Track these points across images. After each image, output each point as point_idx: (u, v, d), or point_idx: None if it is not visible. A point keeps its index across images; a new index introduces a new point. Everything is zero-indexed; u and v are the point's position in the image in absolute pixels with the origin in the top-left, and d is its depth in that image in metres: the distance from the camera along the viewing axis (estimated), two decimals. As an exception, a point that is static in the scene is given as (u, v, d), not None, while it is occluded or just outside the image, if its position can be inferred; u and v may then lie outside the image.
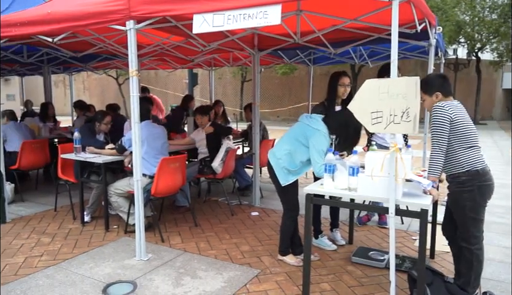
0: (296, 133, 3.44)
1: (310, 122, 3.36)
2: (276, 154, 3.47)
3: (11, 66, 9.13)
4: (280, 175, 3.44)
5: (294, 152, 3.39)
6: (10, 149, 5.74)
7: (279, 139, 3.67)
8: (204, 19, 3.24)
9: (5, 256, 3.81)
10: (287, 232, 3.63)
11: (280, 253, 3.71)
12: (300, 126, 3.44)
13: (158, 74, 23.53)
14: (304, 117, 3.49)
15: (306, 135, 3.33)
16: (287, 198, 3.57)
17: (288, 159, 3.40)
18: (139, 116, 3.64)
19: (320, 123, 3.32)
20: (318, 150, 3.23)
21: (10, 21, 4.34)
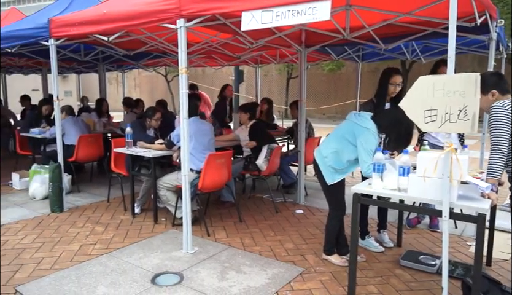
0: (343, 131, 3.37)
1: (358, 120, 3.27)
2: (322, 152, 3.41)
3: (70, 64, 9.67)
4: (326, 174, 3.38)
5: (341, 151, 3.32)
6: (68, 143, 6.07)
7: (325, 137, 3.61)
8: (252, 16, 3.25)
9: (62, 243, 4.05)
10: (332, 231, 3.58)
11: (325, 252, 3.66)
12: (348, 124, 3.36)
13: (205, 71, 24.00)
14: (352, 114, 3.41)
15: (354, 133, 3.24)
16: (333, 197, 3.51)
17: (335, 158, 3.34)
18: (188, 112, 3.72)
19: (369, 122, 3.22)
20: (367, 149, 3.14)
21: (69, 21, 4.60)
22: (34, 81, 17.43)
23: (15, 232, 4.34)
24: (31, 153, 6.91)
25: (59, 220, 4.76)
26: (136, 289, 3.10)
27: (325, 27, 4.67)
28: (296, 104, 5.79)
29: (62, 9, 5.46)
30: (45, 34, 4.84)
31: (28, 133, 6.65)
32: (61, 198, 5.07)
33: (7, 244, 4.00)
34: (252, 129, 5.30)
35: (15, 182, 6.24)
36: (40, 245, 3.99)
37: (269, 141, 5.30)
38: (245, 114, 5.35)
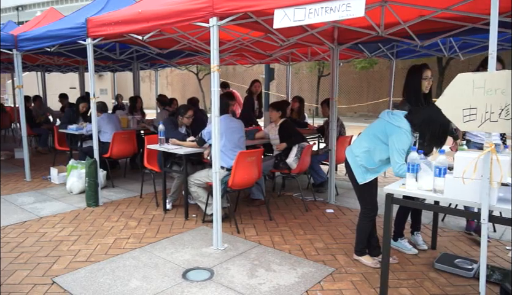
0: (375, 130, 3.29)
1: (391, 119, 3.19)
2: (354, 151, 3.36)
3: (105, 63, 9.98)
4: (357, 173, 3.32)
5: (374, 150, 3.25)
6: (103, 139, 6.27)
7: (357, 136, 3.54)
8: (285, 14, 3.23)
9: (97, 237, 4.18)
10: (363, 231, 3.51)
11: (356, 253, 3.60)
12: (380, 123, 3.27)
13: (236, 69, 24.13)
14: (385, 113, 3.33)
15: (386, 133, 3.16)
16: (364, 197, 3.44)
17: (367, 157, 3.28)
18: (219, 110, 3.75)
19: (402, 120, 3.13)
20: (398, 149, 3.05)
21: (105, 20, 4.73)
22: (72, 79, 18.09)
23: (53, 225, 4.52)
24: (69, 149, 7.18)
25: (95, 214, 4.92)
26: (168, 284, 3.16)
27: (359, 24, 4.58)
28: (328, 103, 5.72)
29: (99, 9, 5.63)
30: (82, 34, 5.00)
31: (66, 130, 6.90)
32: (96, 192, 5.24)
33: (45, 237, 4.17)
34: (282, 127, 5.28)
35: (53, 176, 6.50)
36: (77, 238, 4.14)
37: (299, 139, 5.26)
38: (276, 112, 5.34)
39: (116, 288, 3.08)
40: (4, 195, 5.72)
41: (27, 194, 5.77)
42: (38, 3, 49.41)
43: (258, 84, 7.79)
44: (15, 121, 11.53)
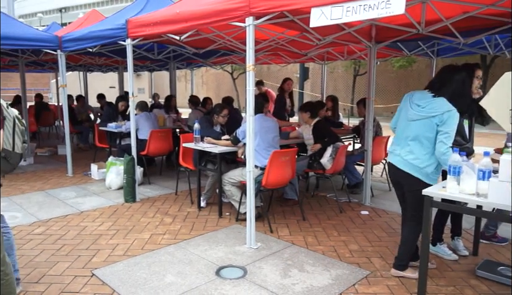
0: (422, 129, 3.07)
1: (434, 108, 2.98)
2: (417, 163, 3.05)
3: (143, 63, 10.25)
4: (424, 175, 3.05)
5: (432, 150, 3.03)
6: (141, 137, 6.43)
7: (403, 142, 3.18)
8: (322, 12, 3.19)
9: (134, 232, 4.30)
10: (413, 244, 3.23)
11: (399, 267, 3.28)
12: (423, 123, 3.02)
13: (270, 69, 24.13)
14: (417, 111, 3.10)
15: (438, 124, 2.95)
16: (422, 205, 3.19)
17: (428, 158, 3.05)
18: (253, 109, 3.75)
19: (447, 103, 2.97)
20: (450, 132, 2.92)
21: (144, 21, 4.85)
22: (111, 79, 18.71)
23: (93, 219, 4.69)
24: (108, 146, 7.43)
25: (132, 209, 5.06)
26: (202, 280, 3.20)
27: (398, 22, 4.46)
28: (364, 102, 5.61)
29: (139, 10, 5.79)
30: (122, 34, 5.15)
31: (106, 128, 7.14)
32: (133, 189, 5.39)
33: (86, 230, 4.33)
34: (316, 128, 5.23)
35: (94, 172, 6.74)
36: (115, 232, 4.27)
37: (333, 140, 5.19)
38: (305, 113, 5.31)
39: (152, 282, 3.16)
40: (48, 189, 5.99)
41: (69, 189, 6.02)
42: (80, 5, 51.42)
43: (290, 82, 7.83)
44: (58, 119, 12.05)
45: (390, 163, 3.25)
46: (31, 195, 5.67)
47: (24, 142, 2.91)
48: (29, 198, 5.52)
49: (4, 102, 2.80)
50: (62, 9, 46.46)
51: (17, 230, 4.26)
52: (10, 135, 2.79)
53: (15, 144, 2.83)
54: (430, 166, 3.04)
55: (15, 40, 6.01)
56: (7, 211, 4.75)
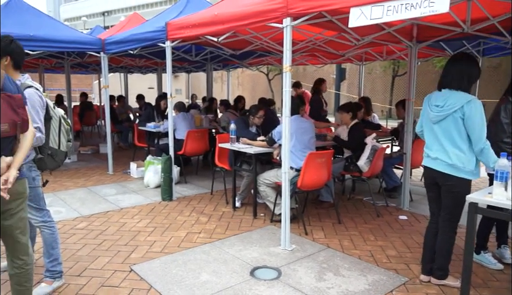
0: (449, 128, 2.93)
1: (458, 101, 2.86)
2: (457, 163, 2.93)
3: (181, 64, 10.45)
4: (468, 174, 2.94)
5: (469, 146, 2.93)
6: (178, 137, 6.57)
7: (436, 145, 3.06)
8: (361, 12, 3.13)
9: (171, 229, 4.39)
10: (451, 249, 3.11)
11: (442, 276, 3.15)
12: (452, 120, 2.90)
13: (306, 69, 23.94)
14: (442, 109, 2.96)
15: (465, 119, 2.84)
16: (462, 206, 3.02)
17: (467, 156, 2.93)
18: (290, 110, 3.74)
19: (468, 94, 2.90)
20: (483, 122, 2.82)
21: (183, 24, 4.95)
22: (150, 80, 19.21)
23: (132, 216, 4.83)
24: (146, 145, 7.63)
25: (169, 208, 5.17)
26: (236, 280, 3.22)
27: (441, 20, 4.30)
28: (403, 104, 5.45)
29: (178, 12, 5.91)
30: (162, 37, 5.28)
31: (145, 127, 7.34)
32: (170, 187, 5.50)
33: (125, 226, 4.47)
34: (352, 129, 5.14)
35: (133, 171, 6.94)
36: (152, 230, 4.38)
37: (358, 147, 5.05)
38: (346, 114, 5.21)
39: (188, 280, 3.21)
40: (90, 186, 6.23)
41: (109, 186, 6.23)
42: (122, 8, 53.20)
43: (325, 83, 7.86)
44: (100, 118, 12.52)
45: (427, 166, 3.15)
46: (74, 191, 5.92)
47: (69, 141, 3.04)
48: (73, 194, 5.76)
49: (51, 102, 2.94)
50: (105, 12, 48.24)
51: (61, 224, 4.46)
52: (56, 134, 2.93)
53: (61, 143, 2.96)
54: (469, 162, 2.91)
55: (61, 43, 6.30)
56: (52, 206, 4.97)
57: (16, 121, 2.11)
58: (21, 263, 2.40)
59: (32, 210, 2.91)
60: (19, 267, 2.40)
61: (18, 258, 2.39)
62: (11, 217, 2.29)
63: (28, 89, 2.70)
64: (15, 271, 2.40)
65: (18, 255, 2.39)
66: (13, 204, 2.27)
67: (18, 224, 2.34)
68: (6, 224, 2.29)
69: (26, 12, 6.63)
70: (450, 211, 3.05)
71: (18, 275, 2.41)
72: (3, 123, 2.05)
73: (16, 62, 2.73)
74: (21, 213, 2.35)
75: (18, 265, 2.39)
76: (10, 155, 2.15)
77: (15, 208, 2.29)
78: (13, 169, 2.12)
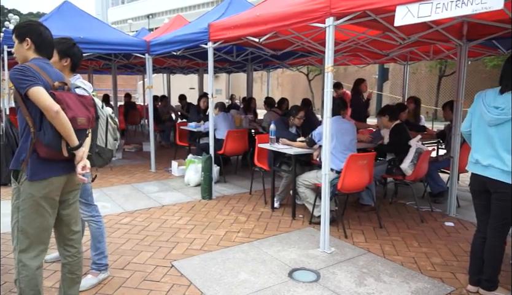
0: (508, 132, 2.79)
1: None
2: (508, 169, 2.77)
3: (222, 65, 10.59)
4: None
5: None
6: (218, 137, 6.65)
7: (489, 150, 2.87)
8: (408, 10, 3.03)
9: (210, 228, 4.45)
10: (501, 258, 2.94)
11: (491, 287, 2.97)
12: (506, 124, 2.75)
13: (347, 70, 23.54)
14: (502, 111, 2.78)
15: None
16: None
17: None
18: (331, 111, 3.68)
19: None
20: None
21: (225, 25, 5.00)
22: (191, 80, 19.63)
23: (173, 213, 4.94)
24: (187, 144, 7.79)
25: (208, 206, 5.25)
26: (274, 280, 3.21)
27: (494, 18, 4.07)
28: (451, 105, 5.22)
29: (220, 14, 5.99)
30: (204, 38, 5.37)
31: (186, 127, 7.50)
32: (210, 186, 5.58)
33: (166, 223, 4.58)
34: (393, 130, 4.98)
35: (174, 169, 7.11)
36: (192, 227, 4.46)
37: (402, 149, 4.86)
38: (383, 117, 5.08)
39: (227, 278, 3.24)
40: (133, 183, 6.44)
41: (152, 184, 6.41)
42: (166, 11, 54.69)
43: (366, 83, 7.73)
44: (143, 118, 12.93)
45: (477, 174, 2.95)
46: (119, 187, 6.15)
47: (115, 139, 3.16)
48: (118, 190, 5.98)
49: (100, 102, 3.06)
50: (150, 15, 49.79)
51: (107, 219, 4.64)
52: (103, 133, 3.05)
53: (108, 141, 3.08)
54: None
55: (109, 45, 6.57)
56: (98, 201, 5.16)
57: (89, 116, 2.37)
58: (74, 251, 2.54)
59: (81, 205, 3.05)
60: (72, 255, 2.54)
61: (72, 246, 2.54)
62: (69, 206, 2.48)
63: (76, 89, 2.83)
64: (67, 260, 2.54)
65: (73, 244, 2.54)
66: (71, 194, 2.48)
67: (73, 213, 2.53)
68: (64, 213, 2.47)
69: (77, 16, 6.97)
70: (500, 219, 2.89)
71: (71, 263, 2.55)
72: (81, 116, 2.28)
73: (74, 64, 2.88)
74: (76, 204, 2.56)
75: (71, 253, 2.54)
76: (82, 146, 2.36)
77: (72, 198, 2.49)
78: (85, 159, 2.35)
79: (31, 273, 2.31)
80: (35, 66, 2.24)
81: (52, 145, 2.19)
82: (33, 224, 2.28)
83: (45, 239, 2.35)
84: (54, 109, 2.12)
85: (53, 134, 2.17)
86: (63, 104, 2.19)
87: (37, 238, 2.31)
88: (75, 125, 2.23)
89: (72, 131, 2.20)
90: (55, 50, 2.80)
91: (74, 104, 2.28)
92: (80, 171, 2.29)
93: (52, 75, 2.30)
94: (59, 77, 2.36)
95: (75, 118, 2.23)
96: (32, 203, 2.26)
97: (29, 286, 2.32)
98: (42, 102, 2.12)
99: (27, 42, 2.33)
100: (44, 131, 2.18)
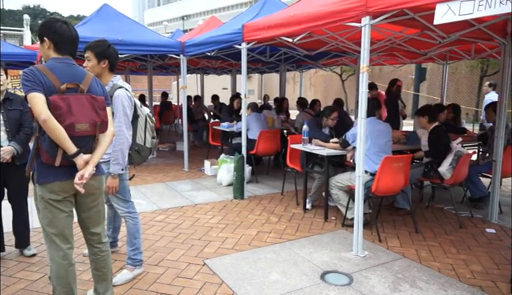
0: None
1: None
2: None
3: (255, 65, 10.62)
4: None
5: None
6: (250, 137, 6.66)
7: None
8: (448, 7, 2.93)
9: (242, 227, 4.47)
10: None
11: None
12: None
13: (382, 70, 23.03)
14: None
15: None
16: None
17: None
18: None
19: None
20: None
21: (259, 25, 5.01)
22: (223, 81, 19.79)
23: (205, 212, 5.00)
24: (220, 144, 7.86)
25: (240, 206, 5.27)
26: (306, 282, 3.18)
27: (541, 15, 3.87)
28: (494, 106, 5.00)
29: (254, 15, 6.01)
30: (238, 39, 5.41)
31: (219, 127, 7.57)
32: (242, 186, 5.61)
33: (199, 222, 4.64)
34: (432, 133, 4.81)
35: (206, 168, 7.19)
36: (224, 226, 4.49)
37: (443, 152, 4.68)
38: (422, 118, 4.90)
39: (258, 278, 3.24)
40: (167, 181, 6.57)
41: (185, 182, 6.52)
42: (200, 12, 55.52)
43: (400, 83, 7.52)
44: (177, 117, 13.17)
45: None
46: (154, 185, 6.29)
47: (153, 138, 3.24)
48: (152, 188, 6.12)
49: (138, 102, 3.15)
50: (184, 16, 50.66)
51: (141, 216, 4.74)
52: (142, 131, 3.13)
53: (146, 139, 3.16)
54: None
55: (146, 46, 6.74)
56: (133, 199, 5.27)
57: (96, 121, 2.27)
58: (96, 250, 2.61)
59: (119, 201, 3.15)
60: (95, 254, 2.62)
61: (93, 246, 2.61)
62: (88, 210, 2.48)
63: (119, 90, 2.92)
64: (92, 257, 2.63)
65: (94, 244, 2.60)
66: (89, 199, 2.45)
67: (93, 216, 2.52)
68: (84, 216, 2.50)
69: (115, 18, 7.19)
70: None
71: (96, 260, 2.63)
72: (84, 122, 2.20)
73: (112, 65, 2.97)
74: (98, 207, 2.53)
75: (93, 252, 2.62)
76: (89, 153, 2.31)
77: (90, 202, 2.47)
78: (90, 166, 2.27)
79: (62, 271, 2.36)
80: (43, 67, 2.20)
81: (49, 151, 2.19)
82: (51, 224, 2.32)
83: (66, 237, 2.38)
84: (41, 117, 2.07)
85: (49, 141, 2.16)
86: (62, 109, 2.12)
87: (59, 237, 2.35)
88: (72, 132, 2.16)
89: (65, 138, 2.13)
90: (92, 53, 2.90)
91: (80, 108, 2.20)
92: (77, 180, 2.22)
93: (63, 76, 2.23)
94: (75, 77, 2.29)
95: (73, 125, 2.16)
96: (45, 204, 2.30)
97: (60, 284, 2.37)
98: (33, 109, 2.10)
99: (46, 42, 2.29)
100: (44, 137, 2.19)
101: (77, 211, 2.49)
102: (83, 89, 2.28)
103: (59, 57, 2.31)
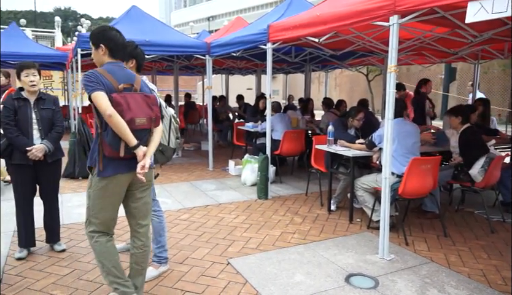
0: None
1: None
2: None
3: (280, 65, 10.61)
4: None
5: None
6: (275, 137, 6.66)
7: None
8: (481, 5, 2.84)
9: (266, 227, 4.47)
10: None
11: None
12: None
13: (410, 70, 22.53)
14: None
15: None
16: None
17: None
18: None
19: None
20: None
21: (285, 25, 5.00)
22: (248, 81, 19.83)
23: (230, 211, 5.03)
24: (244, 144, 7.89)
25: (264, 206, 5.28)
26: (331, 284, 3.15)
27: None
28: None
29: (280, 15, 6.00)
30: (263, 39, 5.41)
31: (243, 127, 7.60)
32: (266, 186, 5.61)
33: (223, 221, 4.67)
34: (463, 135, 4.66)
35: (231, 168, 7.23)
36: (248, 226, 4.50)
37: (480, 153, 4.54)
38: (455, 118, 4.74)
39: (282, 279, 3.23)
40: (192, 180, 6.65)
41: (209, 182, 6.57)
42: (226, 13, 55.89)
43: (430, 83, 7.34)
44: (202, 117, 13.30)
45: None
46: (178, 184, 6.37)
47: (177, 138, 3.28)
48: (177, 187, 6.20)
49: (164, 102, 3.19)
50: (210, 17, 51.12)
51: (167, 214, 4.81)
52: (166, 131, 3.18)
53: (170, 140, 3.20)
54: None
55: (173, 47, 6.84)
56: (159, 197, 5.36)
57: (151, 116, 2.47)
58: (140, 244, 2.71)
59: (145, 199, 3.20)
60: (138, 248, 2.71)
61: (138, 239, 2.71)
62: (137, 200, 2.65)
63: None
64: (134, 251, 2.72)
65: (139, 237, 2.70)
66: (139, 189, 2.63)
67: (142, 208, 2.68)
68: (133, 206, 2.65)
69: (143, 19, 7.34)
70: None
71: (137, 254, 2.71)
72: (141, 116, 2.41)
73: (139, 65, 3.05)
74: (146, 198, 2.70)
75: (137, 245, 2.71)
76: (145, 145, 2.49)
77: (139, 193, 2.64)
78: (147, 158, 2.46)
79: (103, 246, 2.55)
80: (102, 70, 2.42)
81: (112, 144, 2.37)
82: (99, 213, 2.53)
83: (108, 227, 2.59)
84: (106, 112, 2.28)
85: (112, 135, 2.35)
86: (122, 106, 2.33)
87: (102, 225, 2.56)
88: (133, 126, 2.36)
89: (127, 132, 2.33)
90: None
91: (137, 104, 2.41)
92: (139, 170, 2.41)
93: (120, 78, 2.44)
94: (129, 78, 2.51)
95: (133, 119, 2.36)
96: (99, 195, 2.49)
97: (106, 258, 2.56)
98: (98, 106, 2.31)
99: (102, 48, 2.52)
100: (107, 132, 2.37)
101: (126, 202, 2.65)
102: (137, 88, 2.51)
103: (113, 61, 2.53)
